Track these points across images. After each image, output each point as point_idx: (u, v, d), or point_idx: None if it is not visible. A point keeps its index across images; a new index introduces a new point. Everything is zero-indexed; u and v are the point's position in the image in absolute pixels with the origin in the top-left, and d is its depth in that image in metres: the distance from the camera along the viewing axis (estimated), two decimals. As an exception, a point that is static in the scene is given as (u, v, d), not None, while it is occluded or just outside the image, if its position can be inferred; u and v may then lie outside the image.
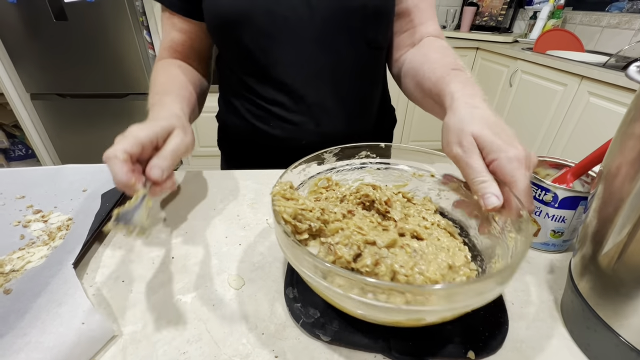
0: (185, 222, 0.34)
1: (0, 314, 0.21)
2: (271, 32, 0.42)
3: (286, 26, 0.42)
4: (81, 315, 0.21)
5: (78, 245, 0.27)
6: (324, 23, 0.42)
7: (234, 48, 0.45)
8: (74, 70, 1.66)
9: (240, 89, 0.49)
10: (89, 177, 0.37)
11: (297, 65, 0.44)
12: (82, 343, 0.20)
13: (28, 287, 0.23)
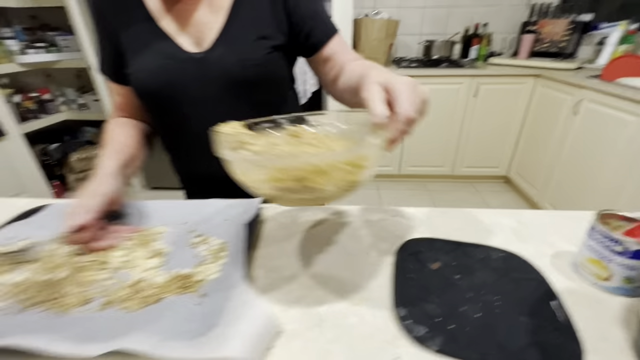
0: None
1: (209, 310, 0.32)
2: (178, 103, 0.56)
3: (187, 98, 0.56)
4: (262, 314, 0.31)
5: (239, 261, 0.37)
6: (216, 92, 0.56)
7: (155, 112, 0.60)
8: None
9: (166, 139, 0.64)
10: (228, 209, 0.50)
11: (200, 124, 0.55)
12: (263, 335, 0.30)
13: (217, 293, 0.34)
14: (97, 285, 0.37)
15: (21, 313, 0.33)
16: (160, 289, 0.36)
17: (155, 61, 0.53)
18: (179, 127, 0.60)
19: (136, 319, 0.32)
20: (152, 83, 0.54)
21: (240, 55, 0.54)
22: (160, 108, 0.58)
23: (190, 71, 0.54)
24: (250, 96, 0.58)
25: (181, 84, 0.55)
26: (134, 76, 0.55)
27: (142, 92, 0.57)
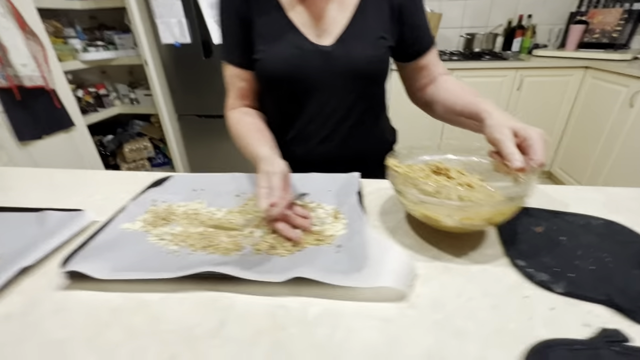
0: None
1: (350, 255, 0.38)
2: (300, 90, 0.63)
3: (310, 86, 0.62)
4: (401, 256, 0.36)
5: (361, 220, 0.43)
6: (338, 83, 0.62)
7: (274, 97, 0.67)
8: (211, 96, 2.05)
9: (278, 121, 0.69)
10: (330, 182, 0.56)
11: (316, 111, 0.65)
12: (407, 272, 0.35)
13: (353, 243, 0.40)
14: (240, 237, 0.44)
15: (193, 254, 0.40)
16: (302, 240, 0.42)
17: (286, 50, 0.60)
18: (295, 112, 0.67)
19: (294, 259, 0.38)
20: (282, 69, 0.61)
21: (365, 51, 0.61)
22: (282, 93, 0.65)
23: (316, 62, 0.61)
24: (364, 88, 0.65)
25: (307, 72, 0.61)
26: (265, 62, 0.61)
27: (270, 77, 0.63)
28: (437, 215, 0.38)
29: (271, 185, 0.44)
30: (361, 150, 0.70)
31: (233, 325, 0.31)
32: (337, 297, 0.34)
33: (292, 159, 0.70)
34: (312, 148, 0.68)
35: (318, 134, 0.67)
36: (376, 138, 0.74)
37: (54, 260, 0.41)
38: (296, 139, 0.69)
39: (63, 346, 0.30)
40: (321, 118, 0.66)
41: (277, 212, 0.42)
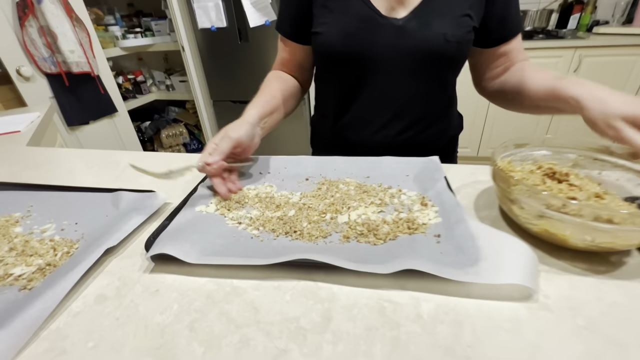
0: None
1: (456, 246, 0.34)
2: (364, 68, 0.56)
3: (375, 65, 0.55)
4: (522, 248, 0.31)
5: (457, 208, 0.38)
6: (407, 64, 0.55)
7: (333, 75, 0.61)
8: (246, 81, 2.03)
9: (334, 103, 0.64)
10: (407, 166, 0.51)
11: (379, 93, 0.58)
12: (531, 266, 0.30)
13: (457, 233, 0.35)
14: (323, 223, 0.41)
15: (277, 240, 0.38)
16: (392, 228, 0.38)
17: (350, 23, 0.53)
18: (354, 94, 0.60)
19: (390, 249, 0.35)
20: (343, 45, 0.54)
21: (443, 28, 0.52)
22: (342, 72, 0.59)
23: (385, 38, 0.53)
24: (438, 72, 0.57)
25: (371, 49, 0.54)
26: (323, 36, 0.55)
27: (329, 54, 0.57)
28: (566, 236, 0.32)
29: (218, 147, 0.46)
30: (423, 142, 0.63)
31: (340, 319, 0.28)
32: (449, 293, 0.30)
33: (345, 145, 0.66)
34: (368, 135, 0.62)
35: (377, 121, 0.61)
36: (441, 130, 0.66)
37: (135, 241, 0.40)
38: (352, 124, 0.63)
39: (165, 331, 0.28)
40: (383, 103, 0.60)
41: (208, 171, 0.46)
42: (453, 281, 0.30)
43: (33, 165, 0.64)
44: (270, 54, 1.92)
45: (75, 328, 0.29)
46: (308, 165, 0.54)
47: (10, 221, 0.44)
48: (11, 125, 0.91)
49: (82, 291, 0.33)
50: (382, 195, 0.45)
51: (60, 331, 0.29)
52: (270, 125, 0.58)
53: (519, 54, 0.59)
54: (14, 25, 1.51)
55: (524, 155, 0.43)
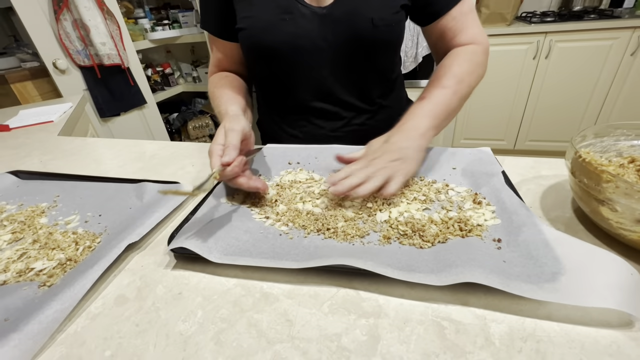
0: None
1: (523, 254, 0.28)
2: (293, 61, 0.52)
3: (305, 56, 0.51)
4: (616, 263, 0.25)
5: (526, 210, 0.32)
6: (337, 52, 0.51)
7: (265, 69, 0.56)
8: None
9: (273, 101, 0.61)
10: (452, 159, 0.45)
11: (315, 87, 0.55)
12: (629, 290, 0.24)
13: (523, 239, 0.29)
14: (359, 220, 0.36)
15: (307, 237, 0.33)
16: (442, 229, 0.33)
17: (273, 15, 0.49)
18: (289, 89, 0.56)
19: (441, 253, 0.29)
20: (267, 39, 0.50)
21: (369, 12, 0.48)
22: (272, 67, 0.54)
23: (310, 28, 0.49)
24: (371, 58, 0.53)
25: (299, 42, 0.50)
26: (246, 32, 0.51)
27: (253, 49, 0.53)
28: None
29: (227, 143, 0.39)
30: (373, 130, 0.56)
31: (391, 340, 0.24)
32: (524, 313, 0.25)
33: (296, 143, 0.60)
34: (315, 130, 0.59)
35: (321, 114, 0.58)
36: (390, 116, 0.59)
37: (158, 236, 0.37)
38: (296, 121, 0.60)
39: (187, 342, 0.25)
40: (322, 95, 0.56)
41: (232, 173, 0.37)
42: (525, 299, 0.25)
43: (62, 155, 0.64)
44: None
45: (93, 333, 0.26)
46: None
47: (36, 211, 0.43)
48: (45, 115, 0.93)
49: (102, 291, 0.30)
50: (426, 190, 0.40)
51: (78, 335, 0.26)
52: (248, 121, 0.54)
53: (460, 34, 0.51)
54: (50, 20, 1.56)
55: (605, 145, 0.35)
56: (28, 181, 0.52)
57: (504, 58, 1.80)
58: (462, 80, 0.47)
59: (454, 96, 0.45)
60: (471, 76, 0.48)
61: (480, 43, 0.51)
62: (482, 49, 0.51)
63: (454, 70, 0.47)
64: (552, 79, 1.78)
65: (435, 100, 0.45)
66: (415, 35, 1.78)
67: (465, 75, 0.47)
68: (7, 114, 0.98)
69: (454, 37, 0.52)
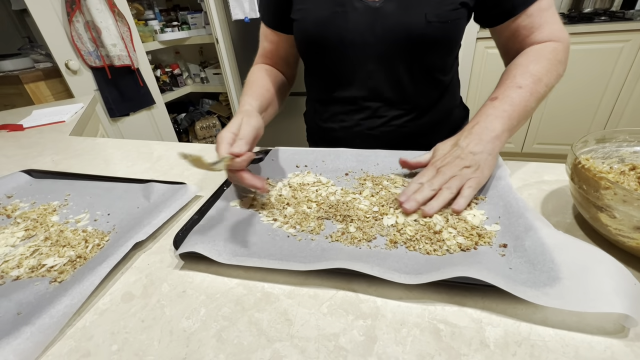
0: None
1: (528, 260, 0.28)
2: (341, 54, 0.52)
3: (352, 50, 0.51)
4: (620, 269, 0.25)
5: (533, 214, 0.32)
6: (386, 48, 0.50)
7: (314, 61, 0.58)
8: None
9: (319, 94, 0.61)
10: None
11: (362, 81, 0.54)
12: (632, 295, 0.24)
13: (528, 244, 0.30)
14: (366, 224, 0.36)
15: (314, 240, 0.34)
16: (449, 236, 0.33)
17: (326, 7, 0.49)
18: (337, 84, 0.57)
19: (447, 259, 0.30)
20: (319, 31, 0.51)
21: (424, 7, 0.46)
22: (322, 60, 0.55)
23: (361, 22, 0.49)
24: (423, 56, 0.51)
25: (350, 35, 0.50)
26: (300, 23, 0.52)
27: (306, 41, 0.54)
28: None
29: (240, 134, 0.39)
30: (414, 133, 0.58)
31: (387, 341, 0.24)
32: (520, 317, 0.25)
33: (332, 138, 0.62)
34: (354, 124, 0.59)
35: (363, 110, 0.57)
36: (437, 121, 0.59)
37: (164, 235, 0.39)
38: (338, 114, 0.60)
39: (190, 339, 0.26)
40: (367, 91, 0.55)
41: (240, 166, 0.37)
42: (523, 302, 0.25)
43: (73, 155, 0.66)
44: (302, 45, 1.87)
45: (100, 328, 0.27)
46: (348, 159, 0.50)
47: (48, 209, 0.45)
48: (58, 115, 0.95)
49: (109, 287, 0.31)
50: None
51: (86, 330, 0.27)
52: (265, 120, 0.54)
53: (537, 32, 0.47)
54: (63, 21, 1.59)
55: (607, 151, 0.35)
56: (41, 180, 0.53)
57: (512, 60, 1.78)
58: (540, 79, 0.43)
59: (531, 97, 0.42)
60: (549, 75, 0.44)
61: (560, 40, 0.47)
62: (563, 46, 0.47)
63: (531, 68, 0.44)
64: (561, 82, 1.76)
65: (510, 101, 0.41)
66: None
67: (543, 74, 0.44)
68: (21, 114, 1.01)
69: (529, 35, 0.48)
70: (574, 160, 0.30)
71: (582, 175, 0.29)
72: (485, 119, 0.41)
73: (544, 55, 0.45)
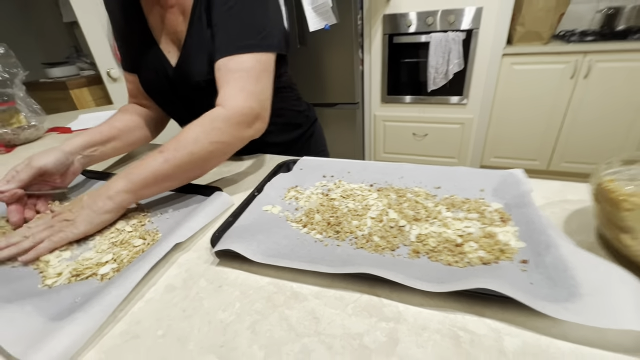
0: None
1: (547, 276, 0.29)
2: (164, 100, 0.66)
3: (165, 95, 0.64)
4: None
5: (554, 231, 0.33)
6: (184, 94, 0.61)
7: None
8: (304, 85, 2.06)
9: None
10: (483, 179, 0.46)
11: (187, 119, 0.52)
12: None
13: (548, 260, 0.31)
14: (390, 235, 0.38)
15: (340, 246, 0.36)
16: (471, 249, 0.34)
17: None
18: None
19: (469, 271, 0.31)
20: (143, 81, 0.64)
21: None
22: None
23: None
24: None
25: (153, 84, 0.63)
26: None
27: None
28: None
29: (17, 175, 0.47)
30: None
31: (409, 343, 0.26)
32: (538, 330, 0.26)
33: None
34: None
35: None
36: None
37: (201, 237, 0.42)
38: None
39: (227, 329, 0.28)
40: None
41: (3, 199, 0.45)
42: (542, 317, 0.26)
43: (113, 157, 0.71)
44: (329, 59, 1.93)
45: (147, 314, 0.31)
46: (373, 171, 0.52)
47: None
48: (101, 120, 1.03)
49: (155, 280, 0.35)
50: (455, 209, 0.41)
51: (135, 315, 0.31)
52: (105, 153, 0.60)
53: (219, 90, 0.49)
54: (108, 34, 1.72)
55: (633, 174, 0.36)
56: (92, 180, 0.59)
57: (538, 77, 1.76)
58: (181, 148, 0.44)
59: (165, 163, 0.43)
60: (197, 144, 0.45)
61: (225, 107, 0.47)
62: (225, 114, 0.47)
63: (183, 135, 0.45)
64: (591, 100, 1.71)
65: (142, 166, 0.44)
66: (446, 53, 1.79)
67: (189, 143, 0.45)
68: (68, 118, 1.10)
69: (220, 89, 0.49)
70: (598, 181, 0.31)
71: (605, 196, 0.30)
72: (113, 179, 0.44)
73: (201, 123, 0.46)
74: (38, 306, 0.30)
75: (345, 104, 2.03)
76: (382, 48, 2.01)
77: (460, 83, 1.92)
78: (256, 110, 0.49)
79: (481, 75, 1.87)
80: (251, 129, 0.50)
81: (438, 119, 2.08)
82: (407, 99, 2.10)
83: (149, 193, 0.45)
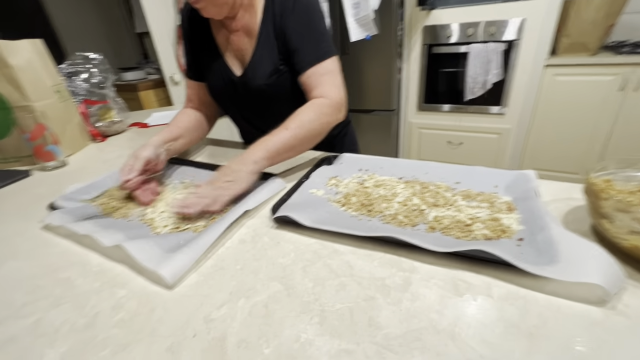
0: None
1: (537, 249, 0.37)
2: (230, 102, 0.79)
3: (231, 97, 0.77)
4: (606, 256, 0.33)
5: (549, 217, 0.40)
6: (247, 97, 0.75)
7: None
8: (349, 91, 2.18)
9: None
10: (497, 177, 0.54)
11: (248, 116, 0.80)
12: (613, 273, 0.32)
13: (539, 238, 0.38)
14: (412, 216, 0.47)
15: (371, 221, 0.46)
16: (479, 228, 0.43)
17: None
18: (237, 115, 0.85)
19: (473, 243, 0.39)
20: (213, 86, 0.79)
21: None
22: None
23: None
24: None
25: (224, 90, 0.77)
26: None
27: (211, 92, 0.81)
28: None
29: (133, 166, 0.57)
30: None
31: (419, 286, 0.35)
32: (522, 285, 0.34)
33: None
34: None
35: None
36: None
37: (262, 209, 0.54)
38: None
39: (286, 269, 0.39)
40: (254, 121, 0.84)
41: (129, 188, 0.56)
42: (527, 276, 0.34)
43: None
44: (369, 67, 2.03)
45: (228, 256, 0.43)
46: (403, 167, 0.61)
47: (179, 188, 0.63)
48: (166, 118, 1.22)
49: (231, 235, 0.47)
50: (470, 200, 0.50)
51: (220, 255, 0.43)
52: (176, 148, 0.73)
53: (313, 89, 0.65)
54: (173, 43, 1.97)
55: (627, 175, 0.42)
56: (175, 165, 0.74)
57: (583, 89, 1.72)
58: (303, 125, 0.60)
59: (292, 137, 0.59)
60: (313, 122, 0.61)
61: (328, 97, 0.64)
62: (329, 102, 0.64)
63: (300, 117, 0.61)
64: (615, 114, 1.65)
65: (274, 138, 0.58)
66: (485, 63, 1.81)
67: (306, 122, 0.60)
68: (143, 115, 1.30)
69: (311, 90, 0.66)
70: (586, 179, 0.38)
71: (589, 189, 0.37)
72: (251, 149, 0.57)
73: (312, 108, 0.63)
74: (156, 242, 0.44)
75: (382, 111, 2.11)
76: (420, 57, 2.07)
77: (499, 93, 1.92)
78: (345, 98, 0.68)
79: (521, 86, 1.86)
80: (341, 113, 0.67)
81: (474, 128, 2.08)
82: (444, 108, 2.13)
83: (278, 160, 0.60)
